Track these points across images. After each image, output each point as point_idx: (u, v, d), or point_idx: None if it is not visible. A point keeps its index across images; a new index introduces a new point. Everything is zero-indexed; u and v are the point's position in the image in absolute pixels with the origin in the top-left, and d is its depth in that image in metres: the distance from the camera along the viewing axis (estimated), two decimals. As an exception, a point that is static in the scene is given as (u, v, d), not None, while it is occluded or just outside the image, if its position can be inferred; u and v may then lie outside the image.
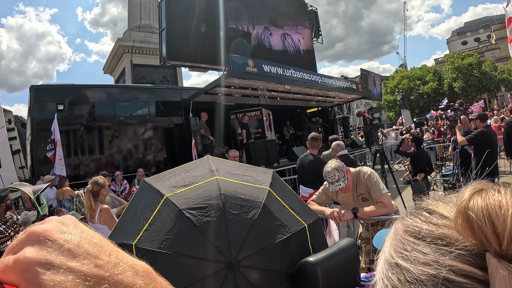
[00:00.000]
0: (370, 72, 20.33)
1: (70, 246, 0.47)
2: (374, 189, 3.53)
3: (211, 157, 1.75)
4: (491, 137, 7.05)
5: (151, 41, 19.85)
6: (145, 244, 1.32)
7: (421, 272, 0.46)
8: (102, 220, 4.16)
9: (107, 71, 23.99)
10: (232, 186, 1.48)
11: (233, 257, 1.28)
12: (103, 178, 4.45)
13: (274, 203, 1.51)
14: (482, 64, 54.66)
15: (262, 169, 1.78)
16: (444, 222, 0.49)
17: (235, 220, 1.35)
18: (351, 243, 1.51)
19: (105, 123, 11.53)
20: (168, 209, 1.38)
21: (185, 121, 12.01)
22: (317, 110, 19.08)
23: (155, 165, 12.19)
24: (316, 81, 13.62)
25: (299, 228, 1.50)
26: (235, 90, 11.94)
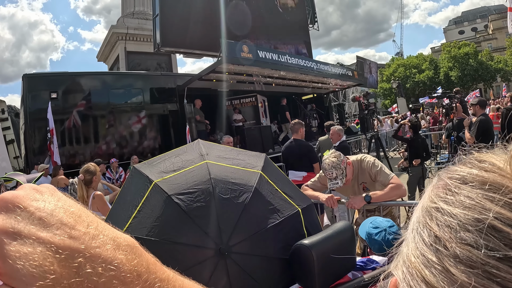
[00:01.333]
0: (366, 60, 20.28)
1: (41, 215, 0.42)
2: (381, 175, 3.47)
3: (201, 141, 1.70)
4: (489, 125, 7.05)
5: (145, 28, 19.73)
6: (134, 232, 1.29)
7: (464, 216, 0.42)
8: (95, 207, 4.13)
9: (101, 58, 23.88)
10: (223, 170, 1.44)
11: (224, 243, 1.25)
12: (94, 165, 4.40)
13: (266, 187, 1.47)
14: (478, 54, 54.87)
15: (254, 153, 1.74)
16: (494, 169, 0.45)
17: (226, 205, 1.32)
18: (347, 226, 1.48)
19: (99, 111, 11.44)
20: (157, 195, 1.35)
21: (180, 107, 11.98)
22: (313, 97, 19.08)
23: (149, 152, 12.13)
24: (311, 67, 13.58)
25: (293, 212, 1.46)
26: (229, 76, 11.92)
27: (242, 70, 11.42)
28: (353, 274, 1.53)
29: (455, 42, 60.30)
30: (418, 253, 0.45)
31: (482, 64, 53.65)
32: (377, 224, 2.57)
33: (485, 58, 54.81)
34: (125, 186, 1.58)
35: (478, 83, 53.37)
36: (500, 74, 54.22)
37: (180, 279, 0.53)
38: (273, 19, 18.23)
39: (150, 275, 0.47)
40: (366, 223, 2.66)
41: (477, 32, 73.91)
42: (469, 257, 0.39)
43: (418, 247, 0.46)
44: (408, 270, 0.47)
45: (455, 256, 0.40)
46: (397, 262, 0.51)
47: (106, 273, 0.42)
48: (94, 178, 4.21)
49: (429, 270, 0.43)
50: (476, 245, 0.39)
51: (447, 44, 61.97)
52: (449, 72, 55.21)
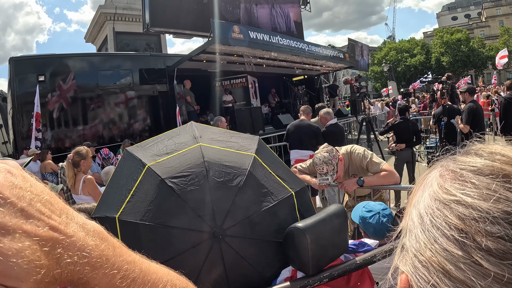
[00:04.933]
0: (358, 42, 20.23)
1: (23, 205, 0.40)
2: (372, 165, 3.45)
3: (194, 124, 1.69)
4: (479, 111, 7.13)
5: (134, 8, 19.50)
6: (128, 216, 1.29)
7: (493, 208, 0.41)
8: (86, 191, 4.11)
9: (89, 39, 23.61)
10: (216, 153, 1.43)
11: (218, 226, 1.25)
12: (86, 148, 4.36)
13: (259, 170, 1.46)
14: (470, 41, 55.08)
15: (248, 136, 1.73)
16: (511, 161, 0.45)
17: (220, 188, 1.31)
18: (340, 209, 1.48)
19: (87, 93, 11.28)
20: (150, 179, 1.34)
21: (169, 88, 11.90)
22: (303, 78, 19.03)
23: (139, 134, 12.07)
24: (303, 49, 13.52)
25: (286, 195, 1.46)
26: (220, 56, 11.85)
27: (232, 50, 11.34)
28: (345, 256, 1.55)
29: (447, 28, 60.63)
30: (438, 248, 0.44)
31: (473, 51, 54.06)
32: (370, 208, 2.58)
33: (477, 45, 55.16)
34: (118, 169, 1.57)
35: (469, 69, 53.69)
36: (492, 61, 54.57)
37: (146, 262, 0.55)
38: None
39: (117, 258, 0.48)
40: (358, 208, 2.67)
41: (470, 19, 74.11)
42: (501, 249, 0.39)
43: (437, 241, 0.44)
44: (423, 265, 0.45)
45: (486, 250, 0.39)
46: (404, 257, 0.50)
47: (80, 260, 0.43)
48: (83, 162, 4.16)
49: (454, 265, 0.41)
50: (507, 237, 0.39)
51: (439, 30, 62.31)
52: (440, 57, 55.64)
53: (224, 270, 1.24)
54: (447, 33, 57.00)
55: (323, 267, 1.35)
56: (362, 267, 1.45)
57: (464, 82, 22.99)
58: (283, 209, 1.43)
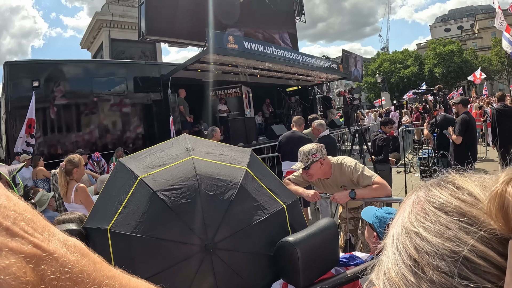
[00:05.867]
0: (352, 53, 20.33)
1: (7, 224, 0.41)
2: (364, 178, 3.45)
3: (187, 136, 1.69)
4: (471, 123, 7.20)
5: (130, 15, 19.56)
6: (120, 228, 1.29)
7: (442, 246, 0.46)
8: (78, 200, 4.07)
9: (85, 46, 23.58)
10: (208, 166, 1.44)
11: (209, 239, 1.26)
12: (79, 156, 4.34)
13: (251, 183, 1.47)
14: (463, 52, 55.59)
15: (240, 148, 1.74)
16: (472, 201, 0.48)
17: (211, 201, 1.32)
18: (331, 223, 1.49)
19: (81, 100, 11.21)
20: (142, 191, 1.34)
21: (164, 97, 11.85)
22: (297, 89, 19.05)
23: (132, 142, 12.01)
24: (297, 59, 13.56)
25: (278, 209, 1.47)
26: (214, 66, 11.85)
27: (227, 60, 11.34)
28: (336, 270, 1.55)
29: (440, 39, 61.21)
30: (398, 270, 0.49)
31: (466, 62, 54.54)
32: (390, 210, 2.58)
33: (470, 57, 55.65)
34: (110, 180, 1.57)
35: (462, 80, 54.19)
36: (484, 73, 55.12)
37: (126, 277, 0.55)
38: (261, 9, 18.18)
39: (98, 273, 0.49)
40: (371, 209, 2.65)
41: (463, 31, 74.74)
42: (444, 283, 0.44)
43: (398, 264, 0.49)
44: (388, 282, 0.50)
45: (431, 281, 0.44)
46: (378, 272, 0.54)
47: (63, 276, 0.44)
48: (75, 170, 4.14)
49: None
50: (450, 273, 0.43)
51: (432, 41, 62.86)
52: (433, 68, 56.09)
53: (215, 282, 1.25)
54: (440, 45, 57.59)
55: (314, 280, 1.36)
56: (353, 281, 1.46)
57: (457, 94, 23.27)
58: (274, 222, 1.44)
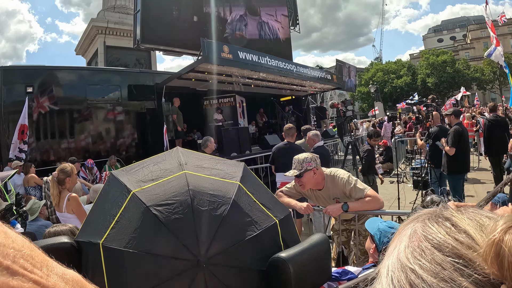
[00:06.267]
0: (346, 63, 20.52)
1: (7, 263, 0.42)
2: (356, 191, 3.47)
3: (180, 149, 1.69)
4: (464, 134, 7.26)
5: (126, 23, 19.57)
6: (112, 243, 1.28)
7: (436, 285, 0.47)
8: (70, 209, 4.05)
9: (79, 52, 23.54)
10: (201, 181, 1.44)
11: (202, 255, 1.25)
12: (71, 165, 4.31)
13: (244, 198, 1.47)
14: (456, 62, 56.24)
15: (233, 162, 1.74)
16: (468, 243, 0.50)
17: (204, 217, 1.32)
18: (323, 239, 1.49)
19: (75, 106, 11.20)
20: (135, 206, 1.34)
21: (158, 106, 11.85)
22: (291, 99, 19.11)
23: (126, 150, 12.00)
24: (291, 70, 13.66)
25: (270, 224, 1.47)
26: (209, 75, 11.85)
27: (221, 70, 11.36)
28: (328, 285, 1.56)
29: (433, 49, 61.93)
30: None
31: (458, 72, 55.14)
32: (392, 225, 2.58)
33: (462, 67, 56.27)
34: (103, 193, 1.56)
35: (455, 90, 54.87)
36: (476, 82, 55.76)
37: None
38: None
39: None
40: (376, 220, 2.66)
41: (456, 41, 75.58)
42: None
43: None
44: None
45: None
46: None
47: None
48: (68, 179, 4.11)
49: None
50: None
51: (425, 51, 63.60)
52: (426, 78, 56.59)
53: (208, 298, 1.24)
54: (432, 55, 58.23)
55: (306, 296, 1.36)
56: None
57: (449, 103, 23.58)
58: (267, 237, 1.44)
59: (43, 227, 4.75)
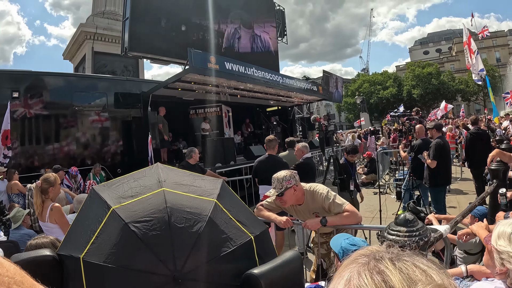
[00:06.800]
0: (332, 74, 20.67)
1: None
2: (335, 206, 3.52)
3: (160, 165, 1.73)
4: (445, 146, 7.39)
5: (115, 29, 19.39)
6: (92, 258, 1.31)
7: None
8: (52, 219, 4.02)
9: (67, 57, 23.33)
10: (179, 199, 1.48)
11: (178, 270, 1.29)
12: (55, 175, 4.29)
13: (220, 215, 1.52)
14: (441, 74, 57.14)
15: (211, 179, 1.78)
16: None
17: (181, 234, 1.36)
18: (296, 256, 1.54)
19: (61, 112, 11.07)
20: (114, 222, 1.37)
21: (144, 114, 11.78)
22: (277, 109, 19.18)
23: (111, 158, 11.89)
24: (277, 81, 13.70)
25: (245, 240, 1.51)
26: (195, 85, 11.85)
27: (208, 80, 11.38)
28: (301, 300, 1.61)
29: (419, 61, 62.82)
30: None
31: (444, 84, 55.98)
32: (355, 242, 2.61)
33: (447, 79, 57.13)
34: (84, 207, 1.59)
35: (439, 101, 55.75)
36: (461, 94, 56.71)
37: None
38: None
39: None
40: (340, 238, 2.70)
41: (441, 53, 76.66)
42: None
43: None
44: None
45: None
46: None
47: None
48: (51, 189, 4.09)
49: None
50: None
51: (411, 63, 64.47)
52: (412, 90, 57.35)
53: (184, 313, 1.29)
54: (418, 67, 59.12)
55: (278, 312, 1.41)
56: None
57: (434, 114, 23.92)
58: (242, 254, 1.48)
59: (26, 236, 4.73)
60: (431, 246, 2.83)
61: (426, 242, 2.20)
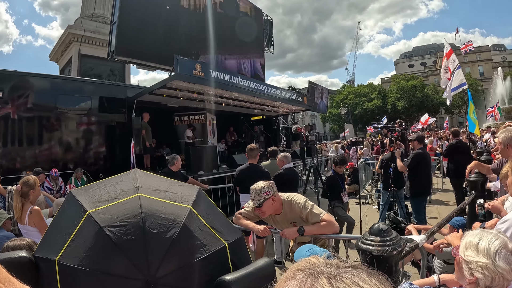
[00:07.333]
0: (318, 85, 20.77)
1: None
2: (312, 216, 3.54)
3: (138, 171, 1.75)
4: (426, 158, 7.54)
5: (103, 32, 19.28)
6: (67, 260, 1.32)
7: None
8: (32, 222, 3.99)
9: (54, 58, 23.13)
10: (154, 204, 1.50)
11: (151, 275, 1.30)
12: (35, 177, 4.26)
13: (194, 222, 1.54)
14: (425, 87, 58.09)
15: (188, 186, 1.80)
16: None
17: (154, 239, 1.38)
18: (269, 263, 1.57)
19: (44, 115, 10.95)
20: (89, 226, 1.39)
21: (128, 120, 11.72)
22: (262, 119, 19.23)
23: (93, 162, 11.78)
24: (262, 90, 13.74)
25: (219, 247, 1.54)
26: (180, 92, 11.84)
27: (193, 88, 11.40)
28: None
29: (404, 74, 63.72)
30: None
31: (427, 97, 56.83)
32: (315, 253, 2.64)
33: (431, 92, 58.02)
34: (61, 211, 1.60)
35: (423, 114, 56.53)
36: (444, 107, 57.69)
37: None
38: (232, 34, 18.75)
39: None
40: (303, 250, 2.72)
41: (426, 67, 77.87)
42: None
43: None
44: None
45: None
46: None
47: None
48: (31, 192, 4.07)
49: None
50: None
51: (396, 76, 65.40)
52: (396, 102, 58.07)
53: (157, 318, 1.30)
54: (403, 80, 60.00)
55: (249, 319, 1.43)
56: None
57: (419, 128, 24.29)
58: (215, 260, 1.50)
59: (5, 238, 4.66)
60: (406, 256, 2.89)
61: (399, 251, 2.26)
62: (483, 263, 1.67)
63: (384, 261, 2.18)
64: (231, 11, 18.87)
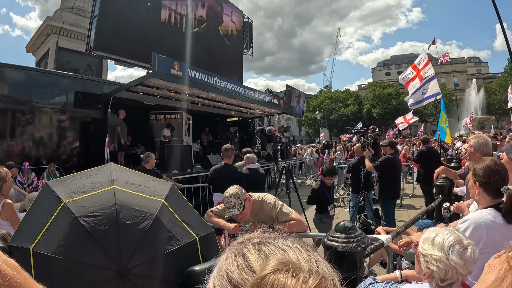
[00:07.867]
0: (295, 89, 20.96)
1: None
2: (282, 215, 3.61)
3: (113, 165, 1.81)
4: (396, 163, 7.74)
5: (82, 26, 18.98)
6: (42, 249, 1.37)
7: None
8: (4, 216, 3.93)
9: (30, 50, 22.64)
10: (128, 197, 1.57)
11: (123, 265, 1.37)
12: (6, 170, 4.20)
13: (166, 215, 1.62)
14: (400, 95, 59.11)
15: (162, 181, 1.88)
16: (247, 279, 0.64)
17: (127, 230, 1.45)
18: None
19: (18, 108, 10.79)
20: (65, 215, 1.44)
21: (103, 116, 11.61)
22: (238, 120, 19.26)
23: (67, 158, 11.62)
24: (239, 92, 13.80)
25: (190, 240, 1.62)
26: (157, 91, 11.82)
27: (170, 86, 11.35)
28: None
29: (381, 82, 64.67)
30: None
31: (402, 105, 57.76)
32: None
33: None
34: (36, 201, 1.65)
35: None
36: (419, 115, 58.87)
37: None
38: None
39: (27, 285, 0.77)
40: None
41: (402, 76, 79.35)
42: None
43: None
44: None
45: None
46: None
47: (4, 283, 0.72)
48: (5, 185, 4.03)
49: None
50: None
51: (373, 83, 66.34)
52: (372, 109, 58.88)
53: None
54: (379, 87, 60.87)
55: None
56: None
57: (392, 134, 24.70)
58: (186, 252, 1.58)
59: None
60: (372, 253, 3.01)
61: (363, 248, 2.36)
62: (437, 256, 1.78)
63: (349, 257, 2.28)
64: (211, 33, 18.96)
